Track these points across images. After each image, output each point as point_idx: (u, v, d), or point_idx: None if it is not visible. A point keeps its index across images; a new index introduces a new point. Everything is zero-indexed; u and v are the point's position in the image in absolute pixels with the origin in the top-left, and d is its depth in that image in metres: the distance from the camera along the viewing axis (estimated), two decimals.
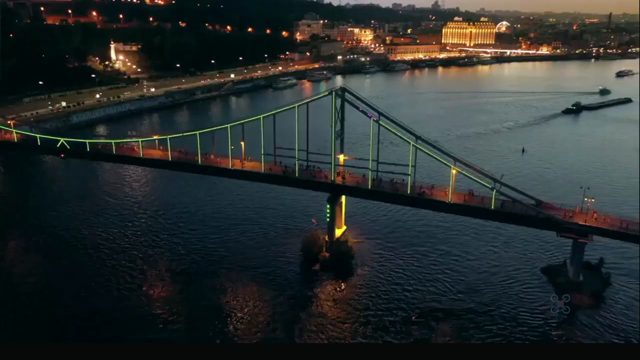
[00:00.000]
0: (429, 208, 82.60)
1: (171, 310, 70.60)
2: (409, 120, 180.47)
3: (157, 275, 79.85)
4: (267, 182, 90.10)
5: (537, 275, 79.42)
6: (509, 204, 75.26)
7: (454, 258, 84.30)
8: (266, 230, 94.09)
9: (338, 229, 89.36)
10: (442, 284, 76.83)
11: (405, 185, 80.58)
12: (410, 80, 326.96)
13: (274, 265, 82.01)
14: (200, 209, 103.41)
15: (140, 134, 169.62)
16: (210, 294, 74.72)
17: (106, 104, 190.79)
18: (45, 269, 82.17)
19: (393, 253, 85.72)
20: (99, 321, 67.31)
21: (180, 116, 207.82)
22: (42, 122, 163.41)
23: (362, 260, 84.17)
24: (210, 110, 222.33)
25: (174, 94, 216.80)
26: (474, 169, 79.26)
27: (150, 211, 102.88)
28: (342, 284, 78.69)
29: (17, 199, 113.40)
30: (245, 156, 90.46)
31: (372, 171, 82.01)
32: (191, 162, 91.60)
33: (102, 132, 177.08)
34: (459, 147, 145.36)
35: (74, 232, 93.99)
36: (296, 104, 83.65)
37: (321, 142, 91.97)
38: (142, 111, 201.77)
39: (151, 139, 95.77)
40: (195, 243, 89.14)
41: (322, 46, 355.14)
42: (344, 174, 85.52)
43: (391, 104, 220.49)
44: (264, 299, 73.42)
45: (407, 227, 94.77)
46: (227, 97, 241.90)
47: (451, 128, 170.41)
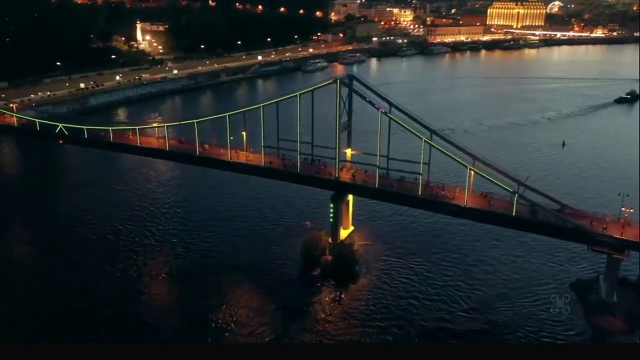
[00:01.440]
0: (441, 212, 75.22)
1: (159, 310, 68.25)
2: (440, 108, 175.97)
3: (150, 273, 76.74)
4: (266, 177, 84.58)
5: (565, 292, 71.06)
6: (526, 208, 67.20)
7: (469, 267, 76.84)
8: (269, 227, 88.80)
9: (344, 229, 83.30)
10: (453, 298, 69.73)
11: (418, 184, 73.39)
12: (448, 64, 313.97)
13: (271, 269, 76.79)
14: (206, 201, 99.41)
15: (159, 118, 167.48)
16: (197, 297, 70.39)
17: (126, 86, 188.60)
18: (42, 259, 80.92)
19: (403, 259, 78.88)
20: (98, 321, 65.10)
21: (203, 99, 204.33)
22: (58, 105, 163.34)
23: (367, 266, 77.79)
24: (235, 93, 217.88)
25: (197, 76, 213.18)
26: (495, 170, 71.48)
27: (156, 203, 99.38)
28: (342, 293, 72.55)
29: (32, 186, 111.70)
30: (247, 147, 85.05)
31: (379, 168, 75.19)
32: (188, 152, 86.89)
33: (121, 114, 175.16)
34: (490, 139, 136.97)
35: (76, 222, 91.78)
36: (298, 92, 77.34)
37: (330, 135, 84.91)
38: (163, 94, 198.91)
39: (149, 126, 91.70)
40: (193, 238, 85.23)
41: (358, 27, 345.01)
42: (353, 170, 78.89)
43: (423, 89, 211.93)
44: (252, 308, 68.31)
45: (421, 229, 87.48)
46: (253, 80, 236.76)
47: (485, 117, 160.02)
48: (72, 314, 66.45)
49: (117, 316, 66.32)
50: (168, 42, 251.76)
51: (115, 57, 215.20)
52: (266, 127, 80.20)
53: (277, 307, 68.33)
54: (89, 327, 63.69)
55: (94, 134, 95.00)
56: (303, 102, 77.53)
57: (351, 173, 78.74)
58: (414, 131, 71.99)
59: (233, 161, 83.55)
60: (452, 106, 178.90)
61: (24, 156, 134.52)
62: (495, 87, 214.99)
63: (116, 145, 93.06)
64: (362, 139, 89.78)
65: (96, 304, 68.88)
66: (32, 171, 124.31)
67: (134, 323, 65.32)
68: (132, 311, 67.85)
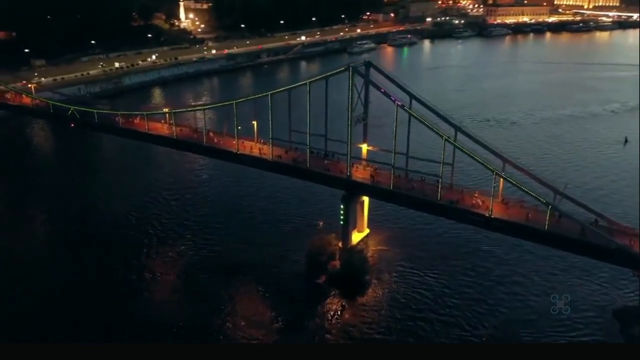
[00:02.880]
0: (461, 221, 67.04)
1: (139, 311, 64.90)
2: (490, 96, 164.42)
3: (144, 271, 73.53)
4: (273, 172, 78.90)
5: (606, 320, 62.00)
6: (562, 222, 58.37)
7: (494, 284, 68.86)
8: (280, 225, 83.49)
9: (359, 232, 76.87)
10: (470, 322, 62.13)
11: (441, 186, 65.66)
12: (508, 47, 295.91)
13: (271, 274, 71.50)
14: (216, 193, 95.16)
15: (192, 100, 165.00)
16: (185, 301, 67.15)
17: (161, 66, 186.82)
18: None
19: (419, 269, 71.67)
20: (95, 320, 62.82)
21: (240, 81, 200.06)
22: (91, 84, 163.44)
23: (378, 276, 71.19)
24: (275, 75, 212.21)
25: (236, 56, 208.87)
26: (528, 175, 62.95)
27: (172, 192, 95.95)
28: (344, 308, 66.26)
29: (52, 169, 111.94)
30: (257, 138, 79.58)
31: (394, 168, 67.85)
32: (195, 142, 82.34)
33: (154, 95, 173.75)
34: (540, 133, 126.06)
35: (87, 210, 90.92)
36: (308, 80, 70.85)
37: (346, 127, 78.10)
38: (200, 74, 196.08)
39: (157, 112, 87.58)
40: (197, 236, 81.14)
41: (411, 6, 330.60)
42: (371, 169, 71.81)
43: (476, 74, 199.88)
44: (236, 321, 63.21)
45: (445, 234, 79.39)
46: (295, 62, 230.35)
47: (538, 108, 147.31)
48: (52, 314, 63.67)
49: (109, 316, 63.60)
50: (210, 21, 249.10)
51: (155, 35, 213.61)
52: (278, 117, 74.52)
53: (264, 321, 63.04)
54: (86, 327, 61.27)
55: (104, 119, 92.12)
56: (319, 91, 71.06)
57: (369, 172, 71.79)
58: (432, 127, 63.80)
59: (240, 153, 78.32)
60: (503, 94, 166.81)
61: (57, 141, 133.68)
62: (556, 74, 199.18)
63: (124, 131, 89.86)
64: (381, 133, 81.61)
65: (91, 301, 65.94)
66: (60, 155, 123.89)
67: (123, 323, 62.65)
68: (121, 311, 64.92)
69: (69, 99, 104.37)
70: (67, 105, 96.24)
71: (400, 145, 68.12)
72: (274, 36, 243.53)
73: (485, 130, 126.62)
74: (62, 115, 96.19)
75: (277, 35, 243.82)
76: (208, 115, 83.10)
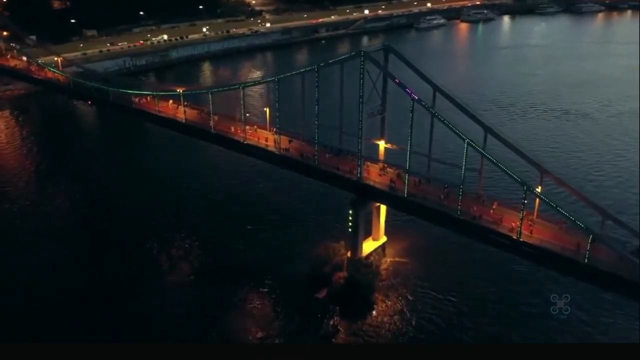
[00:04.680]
0: (484, 241, 57.02)
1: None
2: (564, 82, 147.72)
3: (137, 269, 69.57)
4: (280, 167, 71.80)
5: None
6: (610, 252, 47.57)
7: (522, 317, 58.74)
8: (291, 225, 76.58)
9: (374, 240, 68.71)
10: None
11: (466, 195, 56.24)
12: (599, 25, 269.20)
13: (266, 283, 65.20)
14: (225, 186, 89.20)
15: (236, 76, 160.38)
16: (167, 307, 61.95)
17: (211, 40, 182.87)
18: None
19: (438, 290, 62.71)
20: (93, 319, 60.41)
21: (295, 56, 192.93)
22: (137, 57, 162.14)
23: (387, 294, 63.09)
24: (332, 51, 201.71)
25: (291, 30, 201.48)
26: (572, 192, 52.32)
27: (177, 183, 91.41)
28: (340, 333, 58.64)
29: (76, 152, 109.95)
30: (270, 127, 72.86)
31: (408, 173, 58.88)
32: (202, 128, 76.58)
33: (200, 70, 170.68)
34: (614, 129, 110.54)
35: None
36: (315, 65, 62.97)
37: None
38: (253, 49, 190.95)
39: (168, 93, 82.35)
40: (203, 234, 75.97)
41: None
42: (393, 173, 63.10)
43: (554, 55, 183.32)
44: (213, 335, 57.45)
45: (475, 247, 68.82)
46: (356, 37, 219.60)
47: (618, 98, 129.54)
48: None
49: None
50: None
51: (212, 7, 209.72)
52: (294, 103, 67.55)
53: (232, 338, 57.05)
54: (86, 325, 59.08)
55: (118, 98, 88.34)
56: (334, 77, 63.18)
57: (388, 175, 63.04)
58: (454, 128, 53.99)
59: (246, 143, 71.81)
60: (581, 80, 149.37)
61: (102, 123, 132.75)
62: None
63: (135, 111, 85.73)
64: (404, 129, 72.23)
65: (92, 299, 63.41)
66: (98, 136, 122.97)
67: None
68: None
69: (93, 75, 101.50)
70: (85, 82, 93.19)
71: (422, 145, 58.99)
72: (336, 9, 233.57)
73: (548, 123, 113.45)
74: (81, 92, 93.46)
75: (339, 8, 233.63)
76: (224, 97, 76.45)
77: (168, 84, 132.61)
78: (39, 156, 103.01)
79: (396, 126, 68.35)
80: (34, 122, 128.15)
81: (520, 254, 53.07)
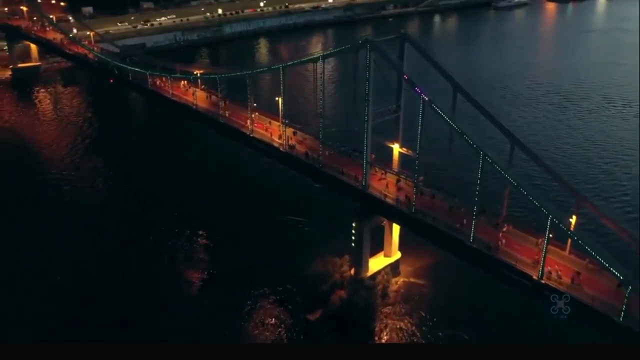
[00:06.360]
0: (497, 277, 47.69)
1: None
2: (621, 81, 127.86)
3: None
4: (285, 166, 65.10)
5: None
6: None
7: None
8: (299, 233, 69.72)
9: (386, 257, 60.90)
10: None
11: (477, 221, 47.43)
12: None
13: (256, 298, 59.12)
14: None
15: (289, 55, 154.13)
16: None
17: (267, 15, 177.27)
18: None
19: (452, 324, 54.51)
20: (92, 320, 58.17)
21: (356, 35, 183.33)
22: (189, 31, 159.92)
23: (392, 323, 55.89)
24: (399, 31, 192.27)
25: (354, 7, 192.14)
26: (610, 223, 42.46)
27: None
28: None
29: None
30: (282, 119, 66.20)
31: (416, 185, 50.52)
32: (211, 116, 71.41)
33: (254, 47, 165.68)
34: None
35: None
36: (319, 54, 55.45)
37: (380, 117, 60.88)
38: (312, 25, 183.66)
39: (180, 76, 77.63)
40: (204, 234, 70.77)
41: None
42: (407, 184, 54.82)
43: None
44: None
45: None
46: (427, 16, 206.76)
47: None
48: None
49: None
50: None
51: None
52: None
53: None
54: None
55: (137, 78, 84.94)
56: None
57: (403, 186, 54.81)
58: (470, 139, 44.87)
59: (252, 136, 65.74)
60: None
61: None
62: None
63: (149, 92, 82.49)
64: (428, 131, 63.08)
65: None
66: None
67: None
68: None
69: (124, 51, 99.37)
70: (109, 60, 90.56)
71: (439, 151, 50.47)
72: None
73: (625, 122, 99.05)
74: (103, 70, 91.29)
75: None
76: (242, 81, 70.65)
77: (209, 65, 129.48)
78: (80, 130, 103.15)
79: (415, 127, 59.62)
80: (81, 95, 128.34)
81: (542, 299, 43.67)
